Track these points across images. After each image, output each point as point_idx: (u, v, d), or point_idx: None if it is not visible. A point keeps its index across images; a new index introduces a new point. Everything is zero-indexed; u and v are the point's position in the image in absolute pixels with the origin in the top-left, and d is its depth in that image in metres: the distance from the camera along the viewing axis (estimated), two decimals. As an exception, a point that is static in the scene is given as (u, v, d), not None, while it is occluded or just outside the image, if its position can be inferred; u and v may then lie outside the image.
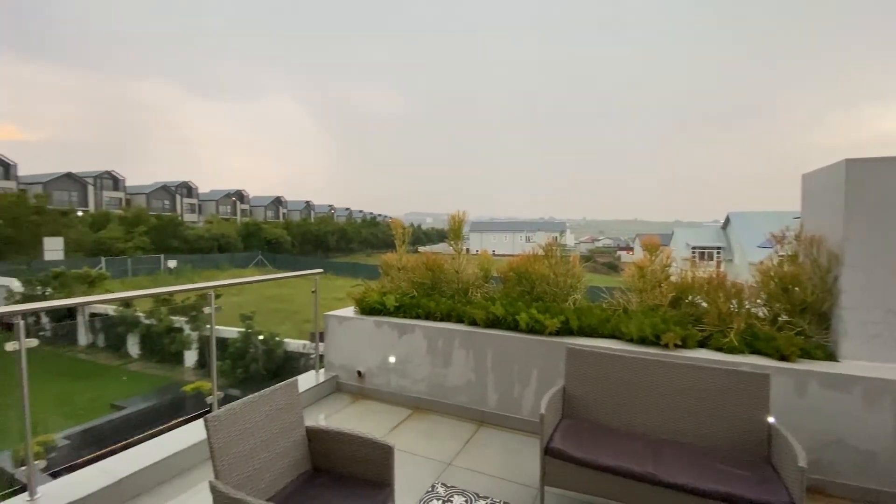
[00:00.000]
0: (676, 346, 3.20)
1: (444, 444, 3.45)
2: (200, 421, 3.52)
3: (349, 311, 4.56)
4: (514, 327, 3.69)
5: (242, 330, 13.85)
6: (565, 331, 3.56)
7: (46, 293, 18.31)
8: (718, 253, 36.94)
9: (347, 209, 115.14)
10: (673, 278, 3.73)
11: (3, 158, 51.78)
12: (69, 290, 17.41)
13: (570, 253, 4.23)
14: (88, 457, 9.84)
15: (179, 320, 15.28)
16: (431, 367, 3.97)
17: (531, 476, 2.89)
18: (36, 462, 2.71)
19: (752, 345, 3.13)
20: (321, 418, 3.87)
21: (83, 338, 18.19)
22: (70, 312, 18.47)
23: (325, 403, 4.16)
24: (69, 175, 56.77)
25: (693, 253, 35.04)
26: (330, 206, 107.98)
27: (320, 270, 4.59)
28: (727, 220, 38.85)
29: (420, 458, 3.23)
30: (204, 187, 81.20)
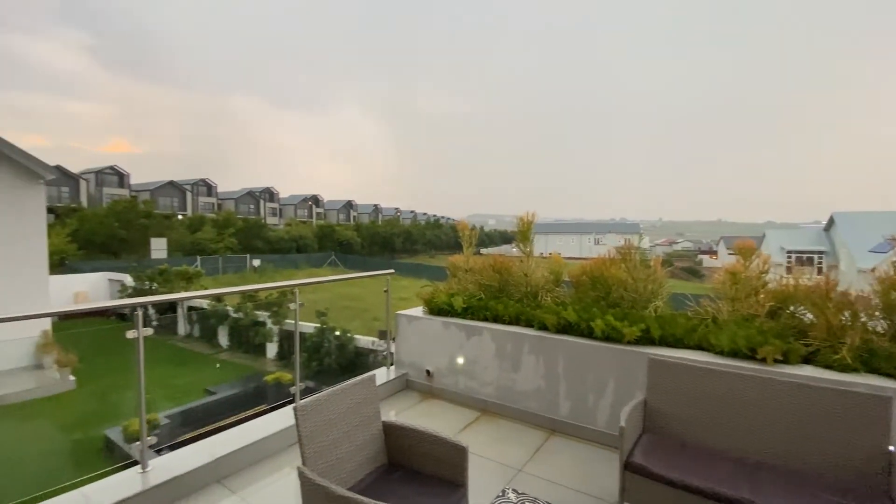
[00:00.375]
0: (776, 361, 2.90)
1: (513, 449, 3.41)
2: (286, 409, 3.79)
3: (418, 310, 4.67)
4: (589, 334, 3.55)
5: (318, 325, 14.70)
6: (645, 340, 3.37)
7: (153, 287, 20.80)
8: (820, 258, 32.86)
9: (412, 212, 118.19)
10: (770, 286, 3.37)
11: (118, 169, 59.62)
12: (171, 284, 19.61)
13: (650, 257, 3.99)
14: (185, 436, 11.01)
15: (262, 315, 16.58)
16: (500, 370, 3.94)
17: (607, 491, 2.76)
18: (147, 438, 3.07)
19: (868, 363, 2.75)
20: (392, 414, 4.00)
21: (182, 328, 20.36)
22: (171, 305, 20.80)
23: (396, 400, 4.30)
24: (171, 183, 63.94)
25: (789, 258, 31.51)
26: (396, 208, 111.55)
27: (391, 271, 4.75)
28: (831, 221, 34.42)
29: (489, 462, 3.22)
30: (284, 192, 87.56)
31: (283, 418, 3.62)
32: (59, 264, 29.91)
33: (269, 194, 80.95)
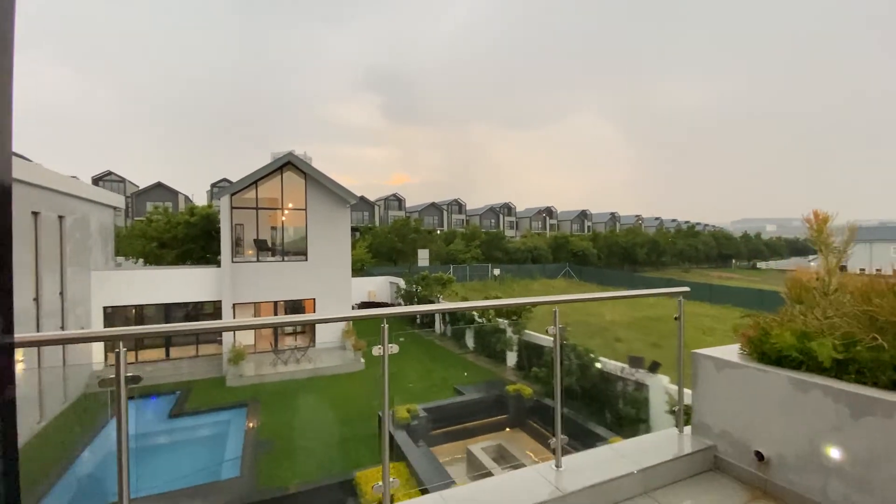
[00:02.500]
0: None
1: None
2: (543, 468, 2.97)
3: (732, 351, 3.08)
4: None
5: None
6: None
7: (417, 290, 24.35)
8: None
9: (657, 219, 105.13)
10: None
11: (398, 196, 74.46)
12: (430, 288, 22.47)
13: None
14: (441, 430, 11.86)
15: (503, 323, 16.91)
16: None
17: None
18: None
19: None
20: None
21: (438, 326, 23.02)
22: (431, 304, 23.88)
23: (696, 487, 2.86)
24: (433, 205, 75.78)
25: None
26: (637, 216, 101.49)
27: (686, 289, 3.33)
28: None
29: None
30: (520, 206, 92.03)
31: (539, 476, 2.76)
32: (360, 269, 39.05)
33: (507, 209, 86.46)
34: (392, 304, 29.74)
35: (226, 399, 14.08)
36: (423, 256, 40.64)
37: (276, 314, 19.00)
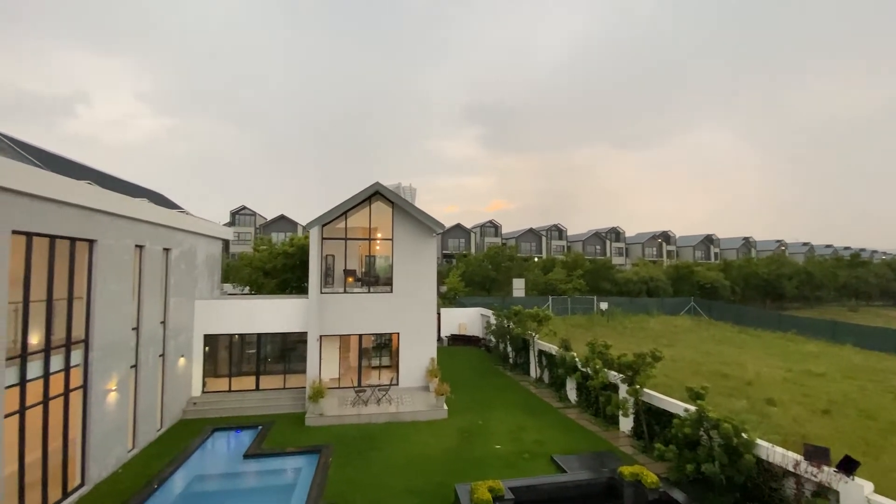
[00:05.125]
0: None
1: None
2: None
3: None
4: None
5: (692, 409, 10.48)
6: None
7: (508, 326, 21.93)
8: None
9: (806, 244, 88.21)
10: None
11: (494, 223, 72.98)
12: (524, 324, 19.94)
13: None
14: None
15: (615, 376, 13.76)
16: None
17: None
18: None
19: None
20: None
21: (533, 371, 20.27)
22: (525, 345, 21.25)
23: None
24: (531, 230, 72.77)
25: None
26: (778, 241, 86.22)
27: None
28: None
29: None
30: (630, 231, 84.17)
31: None
32: (452, 298, 37.80)
33: (615, 234, 79.49)
34: (483, 339, 27.63)
35: (302, 440, 13.21)
36: (519, 286, 38.00)
37: (361, 347, 18.21)
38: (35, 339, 8.88)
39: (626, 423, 13.64)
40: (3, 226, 7.74)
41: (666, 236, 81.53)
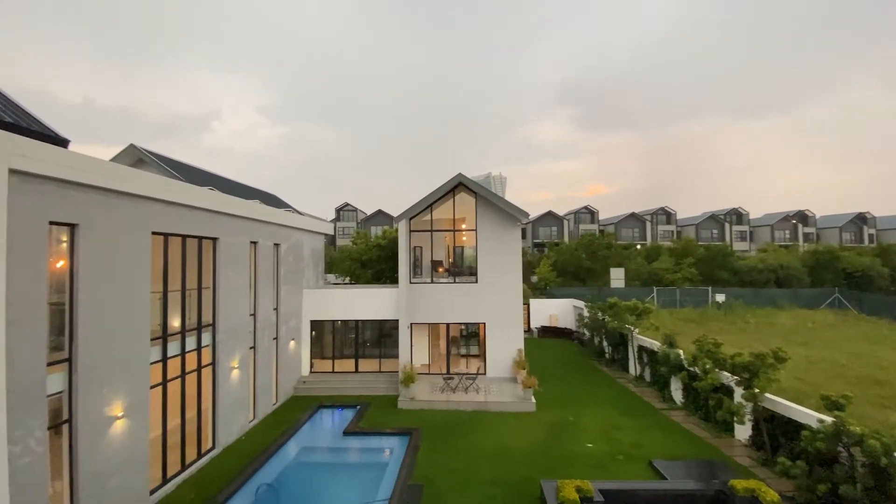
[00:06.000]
0: None
1: None
2: None
3: None
4: None
5: (828, 420, 8.83)
6: None
7: (603, 319, 20.58)
8: None
9: None
10: None
11: (590, 208, 68.97)
12: (620, 319, 18.55)
13: None
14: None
15: (728, 378, 12.15)
16: None
17: None
18: None
19: None
20: None
21: (633, 367, 18.83)
22: (622, 339, 19.80)
23: None
24: (633, 215, 67.44)
25: None
26: (967, 217, 68.59)
27: None
28: None
29: None
30: (755, 212, 73.62)
31: None
32: (543, 289, 36.72)
33: (737, 216, 70.05)
34: (576, 332, 26.38)
35: (394, 422, 13.94)
36: (618, 276, 35.48)
37: (449, 336, 18.58)
38: (174, 322, 10.56)
39: (742, 431, 12.00)
40: (144, 228, 9.28)
41: (802, 216, 69.60)
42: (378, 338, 19.12)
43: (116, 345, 8.47)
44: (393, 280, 23.70)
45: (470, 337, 19.48)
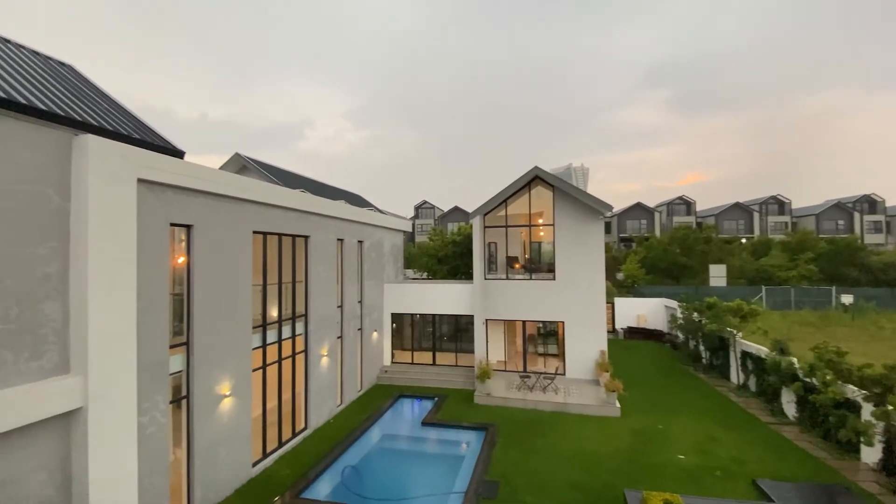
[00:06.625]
0: None
1: None
2: None
3: None
4: None
5: None
6: None
7: (701, 321, 18.73)
8: None
9: None
10: None
11: (685, 199, 63.13)
12: (720, 321, 16.76)
13: None
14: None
15: (855, 392, 10.41)
16: None
17: None
18: None
19: None
20: None
21: (735, 376, 16.96)
22: (722, 343, 17.89)
23: None
24: (737, 205, 60.47)
25: None
26: None
27: None
28: None
29: None
30: (892, 199, 61.95)
31: None
32: (631, 287, 34.45)
33: (869, 203, 59.54)
34: (667, 334, 24.37)
35: (470, 416, 14.06)
36: (718, 273, 32.11)
37: (525, 333, 18.25)
38: (272, 312, 11.67)
39: (870, 454, 10.22)
40: (247, 228, 10.35)
41: (966, 202, 57.10)
42: (455, 332, 19.39)
43: (224, 331, 9.58)
44: (468, 276, 23.86)
45: (548, 335, 18.95)
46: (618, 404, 14.21)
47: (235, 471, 9.85)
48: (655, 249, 37.81)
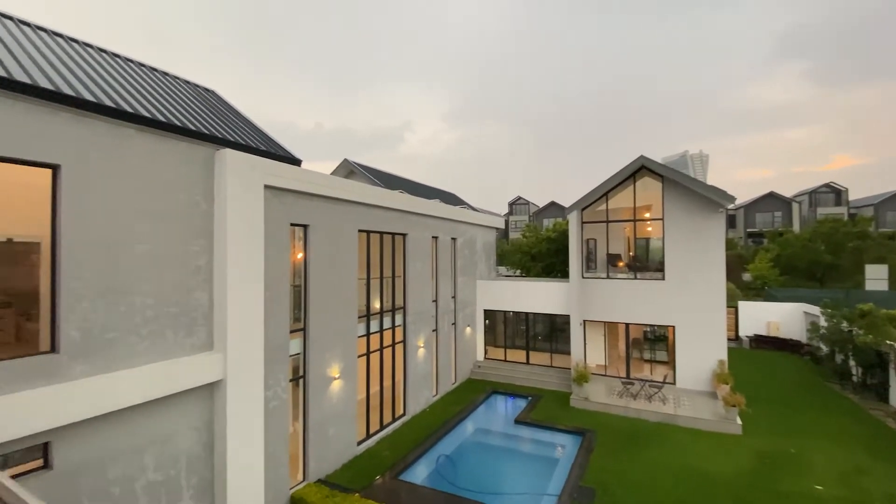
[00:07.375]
0: None
1: None
2: None
3: None
4: None
5: None
6: None
7: (851, 332, 15.68)
8: None
9: None
10: None
11: (834, 186, 53.18)
12: (878, 332, 13.88)
13: None
14: None
15: None
16: None
17: None
18: None
19: None
20: None
21: (894, 397, 13.98)
22: (880, 359, 14.81)
23: None
24: (906, 191, 49.40)
25: None
26: None
27: None
28: None
29: None
30: None
31: None
32: (760, 289, 30.14)
33: None
34: (807, 345, 20.84)
35: (566, 419, 13.63)
36: (878, 274, 26.50)
37: (629, 337, 17.03)
38: (374, 304, 12.56)
39: None
40: (353, 227, 11.26)
41: None
42: (549, 332, 18.87)
43: (334, 320, 10.57)
44: (564, 274, 22.98)
45: (656, 340, 17.49)
46: (739, 420, 12.60)
47: (343, 447, 10.84)
48: (793, 246, 32.49)
